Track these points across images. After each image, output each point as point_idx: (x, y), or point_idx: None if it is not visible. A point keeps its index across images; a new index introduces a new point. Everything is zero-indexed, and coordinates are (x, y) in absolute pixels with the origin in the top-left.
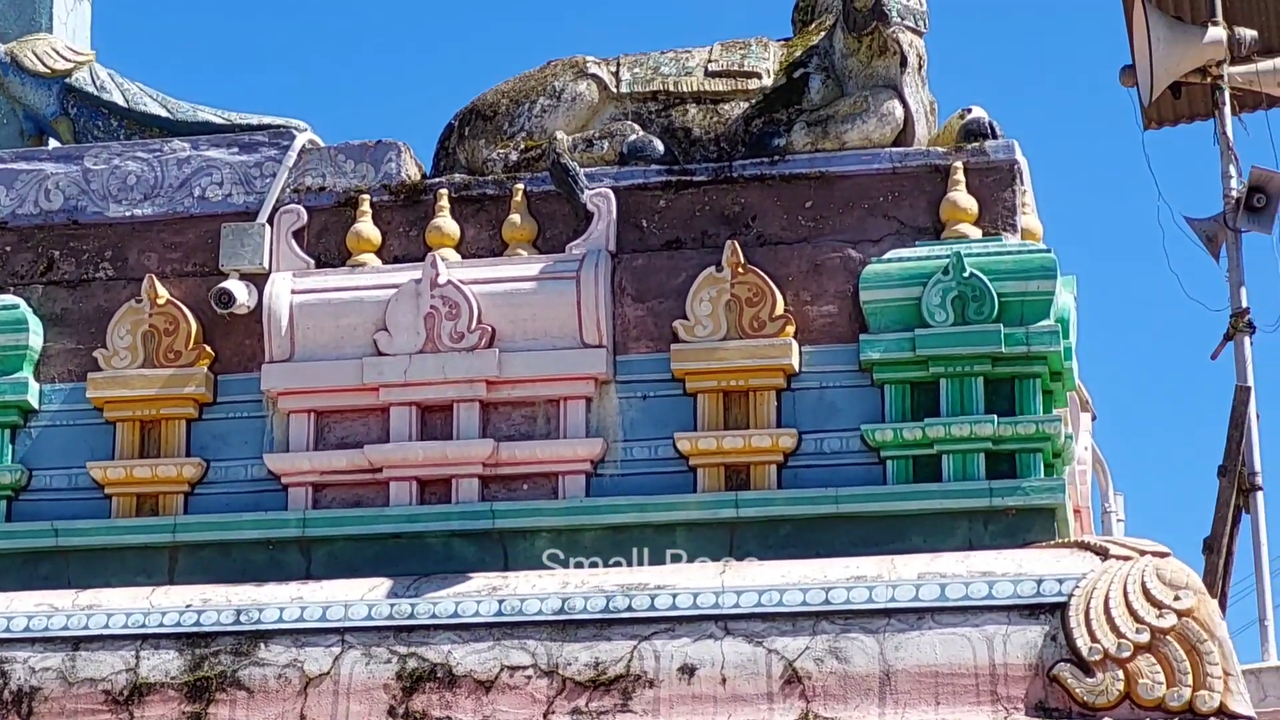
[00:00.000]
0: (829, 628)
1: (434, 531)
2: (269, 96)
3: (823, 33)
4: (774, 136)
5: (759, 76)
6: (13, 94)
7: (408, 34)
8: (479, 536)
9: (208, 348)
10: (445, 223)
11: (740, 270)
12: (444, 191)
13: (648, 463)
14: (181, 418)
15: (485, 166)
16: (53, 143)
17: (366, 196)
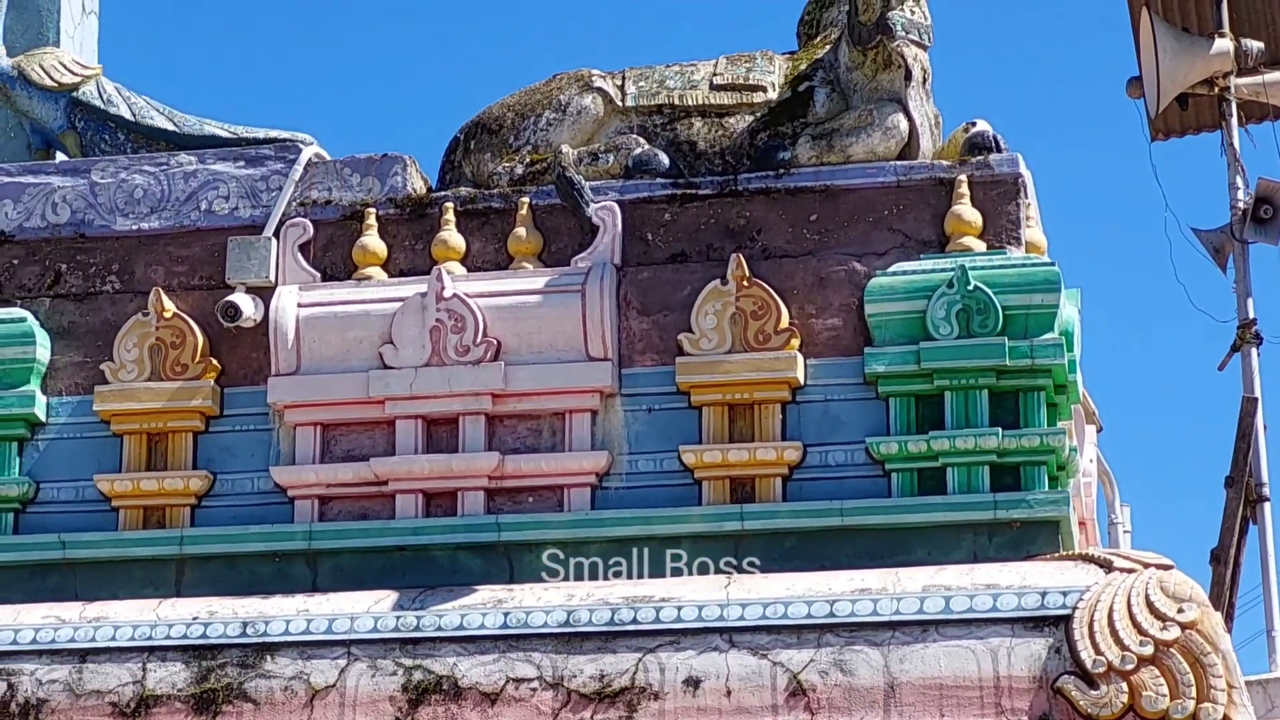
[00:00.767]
0: (834, 640)
1: (439, 544)
2: (275, 110)
3: (828, 46)
4: (779, 150)
5: (764, 90)
6: (20, 107)
7: (413, 48)
8: (484, 549)
9: (214, 361)
10: (451, 236)
11: (745, 283)
12: (449, 205)
13: (653, 475)
14: (188, 430)
15: (491, 180)
16: (60, 156)
17: (372, 210)
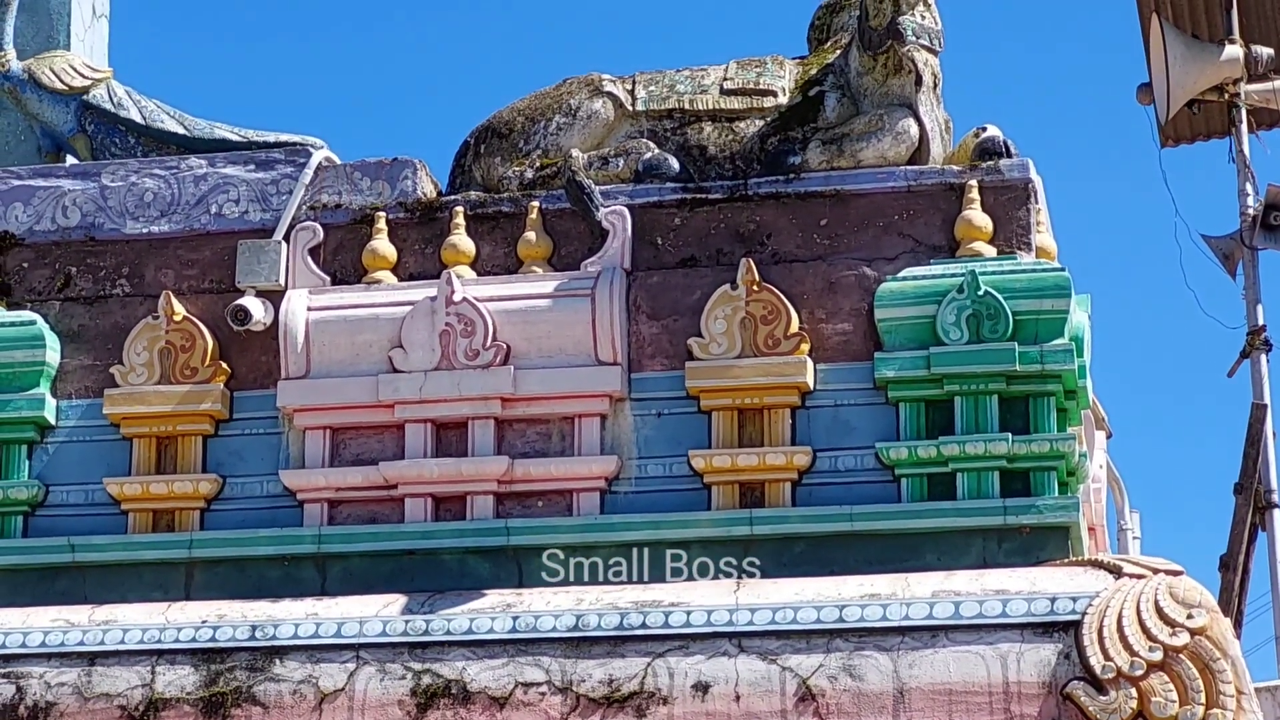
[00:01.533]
0: (843, 645)
1: (449, 548)
2: (286, 114)
3: (838, 51)
4: (789, 154)
5: (774, 94)
6: (30, 111)
7: (424, 52)
8: (493, 553)
9: (224, 364)
10: (461, 240)
11: (755, 288)
12: (460, 209)
13: (662, 480)
14: (198, 434)
15: (501, 184)
16: (70, 160)
17: (382, 214)
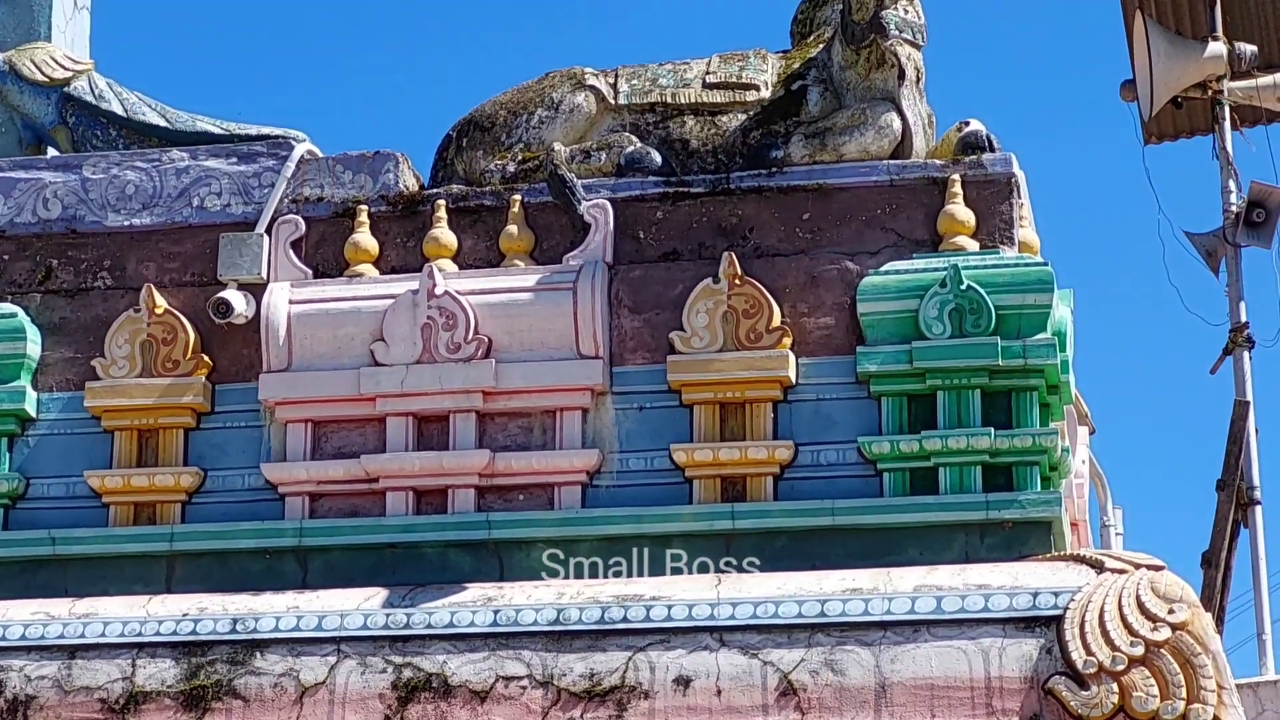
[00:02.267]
0: (825, 640)
1: (430, 542)
2: (268, 107)
3: (821, 45)
4: (772, 148)
5: (757, 88)
6: (11, 102)
7: (406, 44)
8: (475, 547)
9: (205, 357)
10: (443, 233)
11: (737, 282)
12: (441, 202)
13: (644, 474)
14: (179, 427)
15: (483, 178)
16: (51, 151)
17: (364, 207)
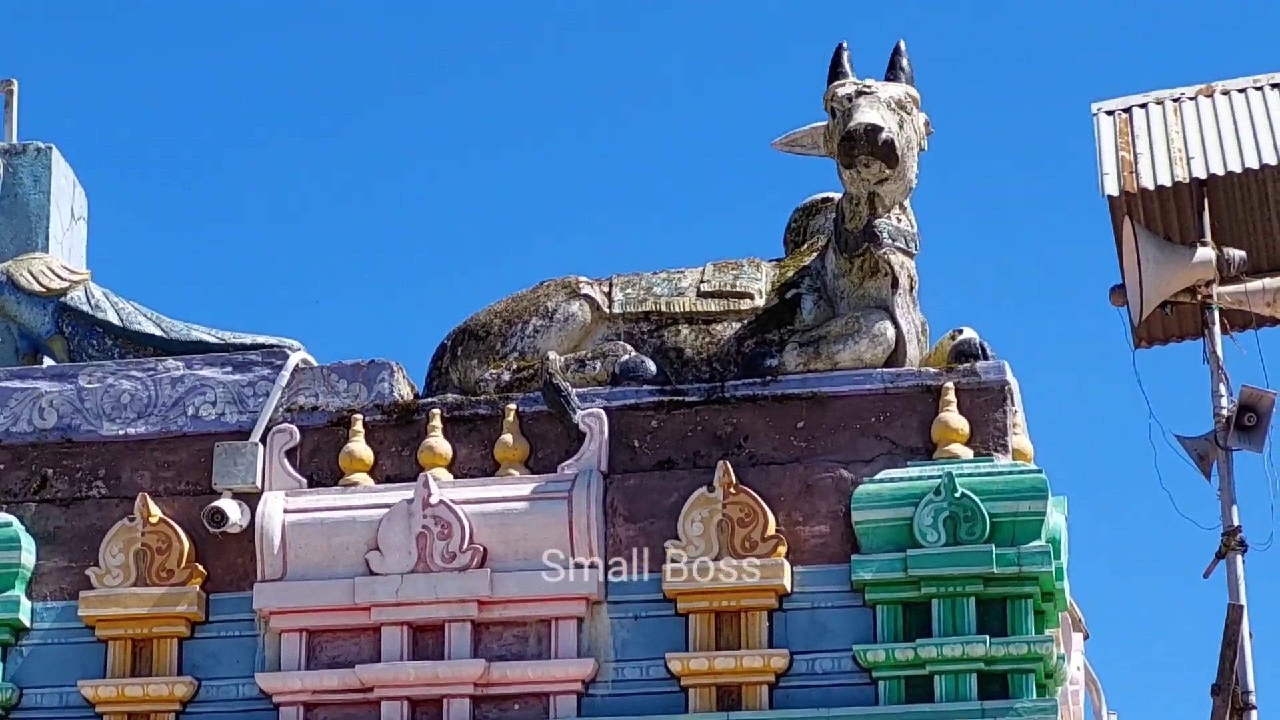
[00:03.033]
0: None
1: None
2: (263, 316)
3: (815, 253)
4: (766, 357)
5: (751, 297)
6: (8, 312)
7: (400, 255)
8: None
9: (200, 566)
10: (438, 442)
11: (732, 490)
12: (436, 411)
13: (639, 683)
14: (173, 636)
15: (478, 386)
16: (47, 361)
17: (359, 416)
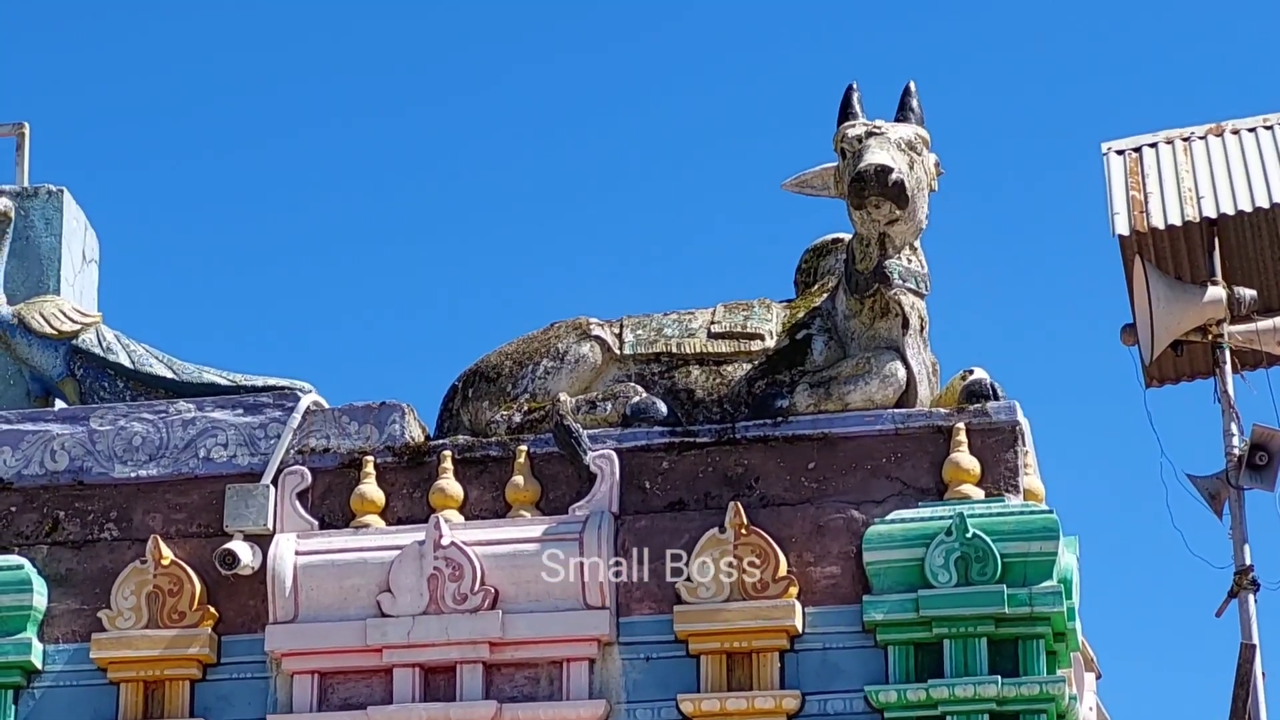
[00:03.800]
0: None
1: None
2: (274, 358)
3: (825, 294)
4: (777, 398)
5: (762, 338)
6: (20, 355)
7: (411, 297)
8: None
9: (212, 608)
10: (449, 484)
11: (743, 531)
12: (448, 453)
13: None
14: (185, 678)
15: (489, 428)
16: (59, 403)
17: (370, 458)
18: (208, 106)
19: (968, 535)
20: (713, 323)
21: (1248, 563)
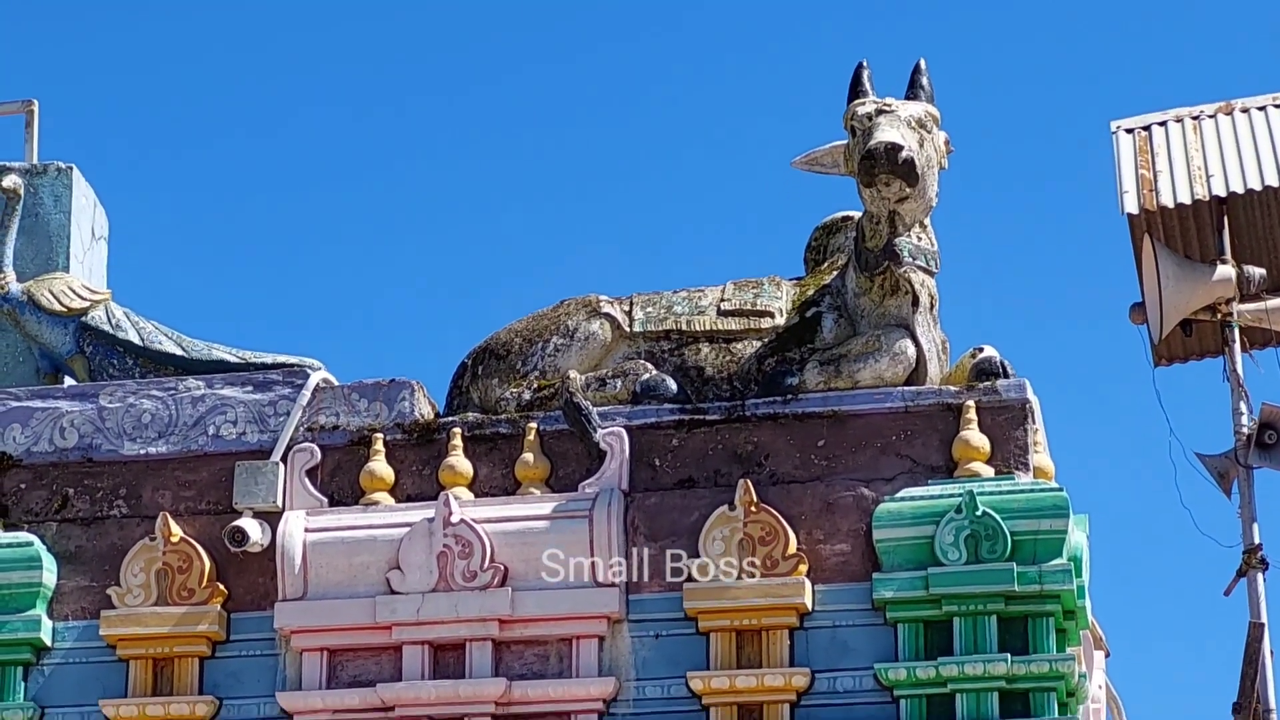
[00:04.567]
0: None
1: None
2: (283, 335)
3: (835, 272)
4: (787, 375)
5: (771, 315)
6: (29, 332)
7: (421, 274)
8: None
9: (221, 585)
10: (458, 461)
11: (753, 509)
12: (457, 430)
13: (660, 702)
14: (194, 656)
15: (498, 405)
16: (68, 381)
17: (380, 435)
18: (220, 85)
19: (977, 513)
20: (723, 300)
21: (1256, 541)
